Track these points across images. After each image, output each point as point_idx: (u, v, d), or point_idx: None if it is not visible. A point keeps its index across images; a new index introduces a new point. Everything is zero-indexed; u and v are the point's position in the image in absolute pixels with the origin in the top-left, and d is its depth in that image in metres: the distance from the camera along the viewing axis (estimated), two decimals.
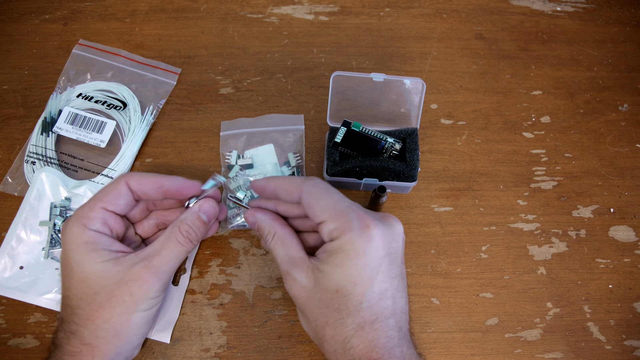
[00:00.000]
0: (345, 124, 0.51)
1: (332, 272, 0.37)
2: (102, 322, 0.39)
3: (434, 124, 0.57)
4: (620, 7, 0.65)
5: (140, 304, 0.40)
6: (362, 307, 0.36)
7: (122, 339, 0.40)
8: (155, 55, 0.60)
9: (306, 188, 0.39)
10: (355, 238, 0.37)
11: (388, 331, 0.37)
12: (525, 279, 0.51)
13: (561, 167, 0.56)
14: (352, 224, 0.37)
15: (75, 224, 0.40)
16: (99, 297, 0.39)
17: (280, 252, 0.41)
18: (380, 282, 0.37)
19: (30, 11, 0.62)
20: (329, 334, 0.37)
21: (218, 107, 0.58)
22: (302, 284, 0.39)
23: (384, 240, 0.37)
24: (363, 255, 0.36)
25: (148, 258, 0.40)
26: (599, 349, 0.48)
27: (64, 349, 0.39)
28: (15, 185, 0.53)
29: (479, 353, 0.48)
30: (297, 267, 0.39)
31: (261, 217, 0.43)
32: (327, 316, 0.37)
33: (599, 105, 0.59)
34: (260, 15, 0.63)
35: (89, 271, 0.39)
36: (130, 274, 0.39)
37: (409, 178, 0.50)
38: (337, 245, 0.37)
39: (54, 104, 0.56)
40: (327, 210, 0.38)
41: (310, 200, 0.39)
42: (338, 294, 0.37)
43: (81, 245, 0.40)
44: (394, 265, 0.38)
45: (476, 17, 0.64)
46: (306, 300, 0.38)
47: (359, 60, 0.61)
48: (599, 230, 0.53)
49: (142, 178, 0.43)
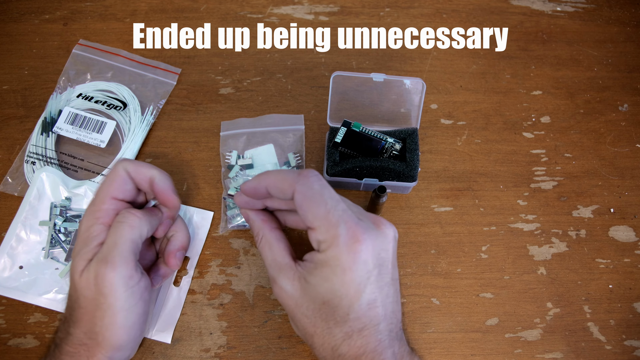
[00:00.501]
0: (345, 124, 0.51)
1: (319, 284, 0.37)
2: (92, 325, 0.39)
3: (434, 124, 0.57)
4: (620, 7, 0.65)
5: (116, 302, 0.38)
6: (349, 318, 0.36)
7: (117, 341, 0.39)
8: (155, 55, 0.60)
9: (299, 189, 0.38)
10: (342, 254, 0.36)
11: (377, 335, 0.36)
12: (525, 279, 0.51)
13: (561, 167, 0.56)
14: (340, 239, 0.36)
15: (89, 219, 0.41)
16: (81, 301, 0.39)
17: (268, 256, 0.41)
18: (368, 294, 0.36)
19: (30, 11, 0.62)
20: (317, 342, 0.38)
21: (218, 107, 0.58)
22: (288, 292, 0.38)
23: (373, 252, 0.37)
24: (349, 271, 0.36)
25: (103, 254, 0.39)
26: (599, 349, 0.48)
27: (63, 348, 0.39)
28: (15, 185, 0.53)
29: (479, 353, 0.48)
30: (283, 274, 0.39)
31: (252, 216, 0.43)
32: (315, 325, 0.37)
33: (599, 105, 0.59)
34: (260, 15, 0.63)
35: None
36: (95, 276, 0.38)
37: (409, 178, 0.50)
38: (324, 259, 0.37)
39: (54, 104, 0.56)
40: (319, 218, 0.37)
41: (302, 204, 0.38)
42: (325, 305, 0.37)
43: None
44: (384, 274, 0.38)
45: (476, 17, 0.64)
46: (294, 309, 0.38)
47: (359, 60, 0.61)
48: (599, 230, 0.53)
49: (138, 167, 0.42)
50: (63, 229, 0.50)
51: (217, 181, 0.54)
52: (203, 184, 0.54)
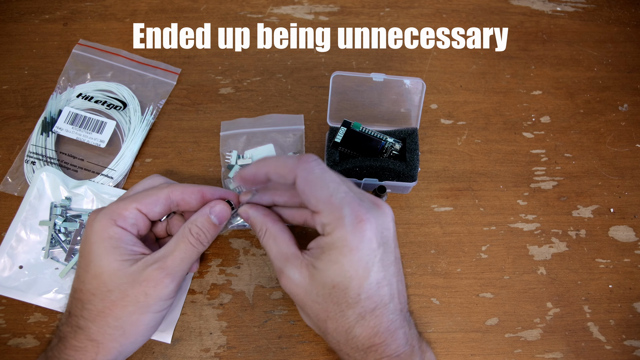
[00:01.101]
0: (345, 124, 0.51)
1: (327, 268, 0.37)
2: (113, 319, 0.39)
3: (434, 124, 0.57)
4: (620, 7, 0.65)
5: (153, 304, 0.40)
6: (360, 299, 0.37)
7: (129, 338, 0.40)
8: (155, 55, 0.60)
9: (300, 174, 0.38)
10: (348, 234, 0.36)
11: (389, 315, 0.37)
12: (525, 279, 0.51)
13: (561, 167, 0.56)
14: (345, 220, 0.36)
15: (105, 218, 0.41)
16: (112, 295, 0.39)
17: (273, 248, 0.41)
18: (376, 272, 0.37)
19: (30, 11, 0.62)
20: (331, 327, 0.38)
21: (218, 107, 0.58)
22: (296, 281, 0.39)
23: (376, 232, 0.37)
24: (357, 250, 0.36)
25: (162, 259, 0.40)
26: (599, 349, 0.48)
27: (69, 342, 0.39)
28: (15, 185, 0.53)
29: (479, 353, 0.48)
30: (290, 264, 0.39)
31: (253, 213, 0.43)
32: (327, 310, 0.37)
33: (599, 105, 0.59)
34: (260, 15, 0.63)
35: (106, 267, 0.39)
36: (144, 275, 0.39)
37: (409, 178, 0.50)
38: (331, 242, 0.37)
39: (54, 104, 0.56)
40: (322, 202, 0.37)
41: (304, 189, 0.38)
42: (335, 289, 0.37)
43: (105, 240, 0.40)
44: (388, 252, 0.38)
45: (476, 17, 0.64)
46: (303, 297, 0.38)
47: (359, 60, 0.61)
48: (599, 230, 0.53)
49: (185, 188, 0.43)
50: (63, 229, 0.50)
51: (217, 181, 0.54)
52: (203, 184, 0.54)
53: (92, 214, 0.42)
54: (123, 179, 0.53)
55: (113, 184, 0.53)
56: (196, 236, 0.42)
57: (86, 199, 0.51)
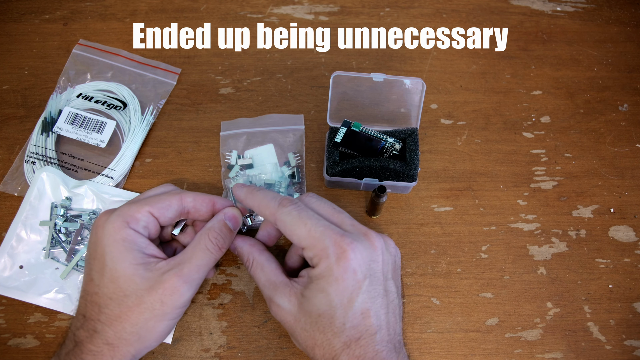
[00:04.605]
0: (345, 124, 0.51)
1: (314, 297, 0.38)
2: (129, 325, 0.39)
3: (434, 124, 0.57)
4: (620, 7, 0.65)
5: (169, 312, 0.40)
6: (345, 328, 0.38)
7: (144, 343, 0.40)
8: (155, 55, 0.60)
9: (280, 217, 0.40)
10: (333, 265, 0.38)
11: (375, 346, 0.38)
12: (525, 279, 0.51)
13: (561, 167, 0.56)
14: (328, 251, 0.38)
15: (118, 219, 0.40)
16: (128, 300, 0.39)
17: (261, 278, 0.42)
18: (360, 302, 0.38)
19: (30, 11, 0.62)
20: (318, 354, 0.39)
21: (218, 107, 0.58)
22: (286, 308, 0.40)
23: (362, 262, 0.39)
24: (342, 280, 0.38)
25: (179, 266, 0.40)
26: (599, 349, 0.48)
27: (85, 347, 0.39)
28: (15, 185, 0.53)
29: (479, 353, 0.48)
30: (279, 292, 0.41)
31: (240, 243, 0.45)
32: (314, 338, 0.39)
33: (599, 105, 0.59)
34: (260, 15, 0.63)
35: (122, 272, 0.39)
36: (161, 281, 0.39)
37: (409, 178, 0.50)
38: (318, 272, 0.39)
39: (54, 104, 0.56)
40: (304, 238, 0.39)
41: (286, 231, 0.40)
42: (321, 317, 0.38)
43: (118, 242, 0.40)
44: (376, 285, 0.39)
45: (476, 17, 0.64)
46: (293, 324, 0.40)
47: (359, 60, 0.61)
48: (599, 230, 0.53)
49: (197, 196, 0.44)
50: (63, 229, 0.50)
51: (217, 181, 0.54)
52: (203, 184, 0.54)
53: (102, 215, 0.42)
54: (123, 179, 0.53)
55: (113, 184, 0.53)
56: (214, 242, 0.42)
57: (86, 199, 0.51)
